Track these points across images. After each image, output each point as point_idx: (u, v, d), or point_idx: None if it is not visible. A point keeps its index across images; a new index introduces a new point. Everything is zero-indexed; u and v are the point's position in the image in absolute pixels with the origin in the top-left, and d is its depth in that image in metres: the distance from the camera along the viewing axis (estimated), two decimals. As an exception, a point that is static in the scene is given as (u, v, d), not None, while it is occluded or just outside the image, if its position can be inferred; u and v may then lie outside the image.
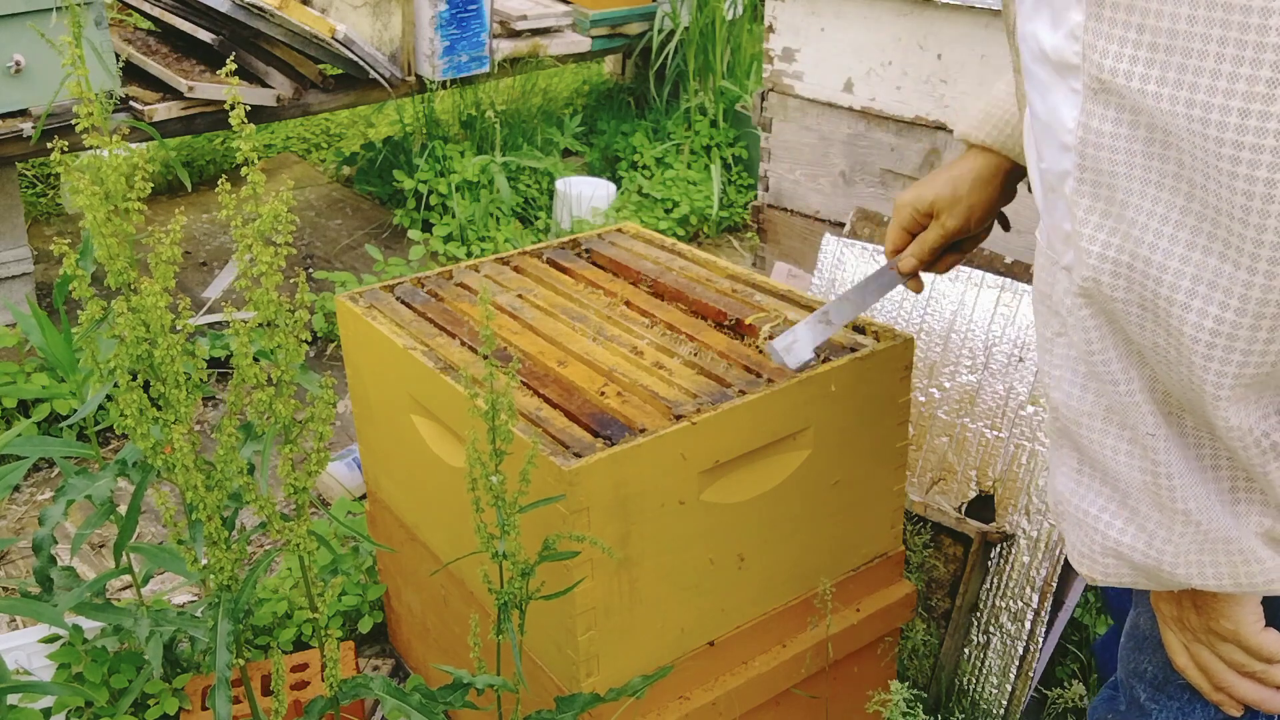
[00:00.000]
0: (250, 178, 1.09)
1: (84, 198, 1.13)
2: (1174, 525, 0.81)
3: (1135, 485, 0.82)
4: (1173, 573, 0.84)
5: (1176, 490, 0.80)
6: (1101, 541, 0.86)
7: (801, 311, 1.63)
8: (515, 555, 1.15)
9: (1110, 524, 0.85)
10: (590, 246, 1.88)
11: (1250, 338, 0.69)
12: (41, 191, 4.05)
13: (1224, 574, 0.83)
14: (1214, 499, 0.81)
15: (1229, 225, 0.67)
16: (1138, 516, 0.83)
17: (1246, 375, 0.71)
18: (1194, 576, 0.83)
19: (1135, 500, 0.83)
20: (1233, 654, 0.96)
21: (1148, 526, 0.83)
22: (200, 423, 2.80)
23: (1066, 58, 0.73)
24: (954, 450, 1.82)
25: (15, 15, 2.69)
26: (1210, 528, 0.81)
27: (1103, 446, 0.83)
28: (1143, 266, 0.72)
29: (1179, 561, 0.83)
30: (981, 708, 1.76)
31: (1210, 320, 0.70)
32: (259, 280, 1.11)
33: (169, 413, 1.18)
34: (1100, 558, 0.87)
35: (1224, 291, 0.68)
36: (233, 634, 1.21)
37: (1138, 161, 0.71)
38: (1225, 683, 0.98)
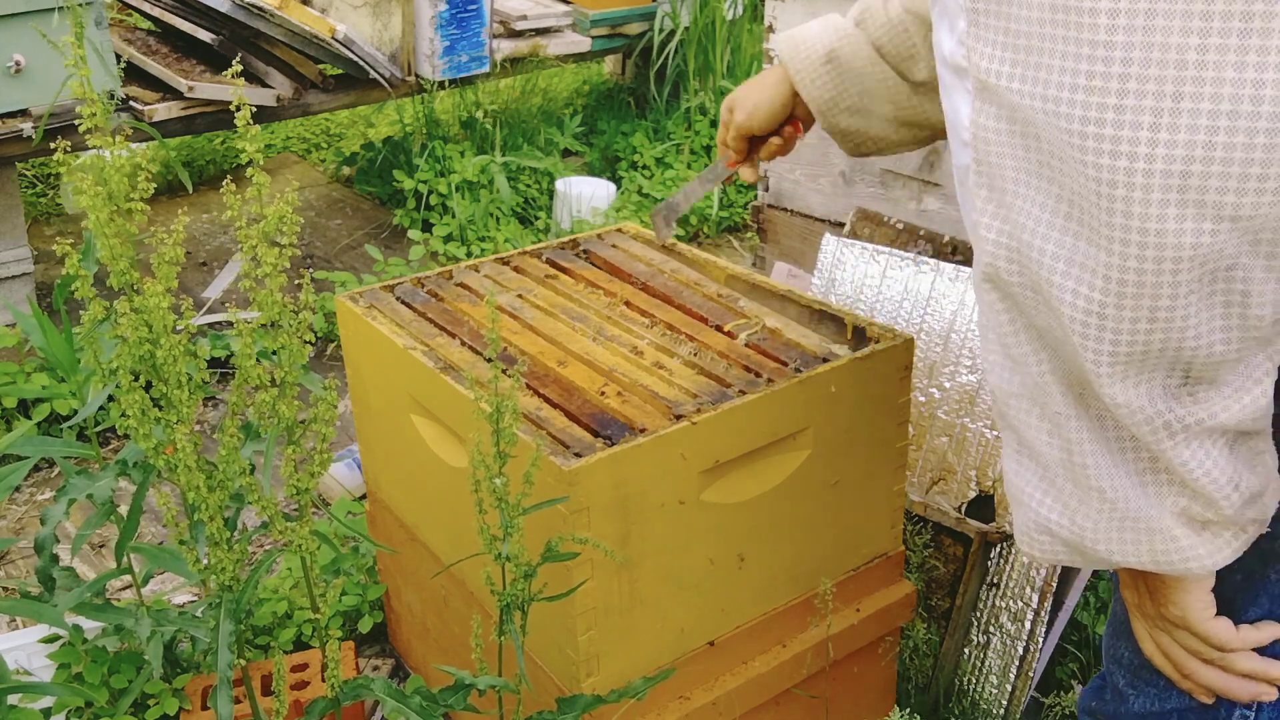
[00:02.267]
0: (255, 179, 1.09)
1: (87, 198, 1.13)
2: (1089, 501, 0.85)
3: (1055, 463, 0.87)
4: (1094, 549, 0.87)
5: (1089, 468, 0.84)
6: (1034, 519, 0.90)
7: (801, 311, 1.64)
8: (518, 557, 1.15)
9: (1041, 501, 0.89)
10: (587, 247, 1.88)
11: (1117, 315, 0.74)
12: (41, 191, 4.05)
13: (1142, 551, 0.86)
14: (1127, 478, 0.84)
15: (1085, 209, 0.73)
16: (1061, 494, 0.87)
17: (1121, 353, 0.75)
18: (1114, 553, 0.87)
19: (1056, 478, 0.87)
20: (1189, 641, 0.97)
21: (1070, 504, 0.87)
22: (200, 423, 2.80)
23: (959, 61, 0.80)
24: (954, 450, 1.82)
25: (15, 15, 2.69)
26: (1124, 506, 0.84)
27: (1027, 426, 0.87)
28: (1026, 251, 0.77)
29: (1099, 538, 0.87)
30: (981, 708, 1.76)
31: (1082, 300, 0.75)
32: (263, 281, 1.11)
33: (171, 413, 1.18)
34: (1035, 534, 0.91)
35: (1090, 272, 0.73)
36: (234, 634, 1.21)
37: (1016, 154, 0.77)
38: (1189, 670, 0.99)
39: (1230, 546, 0.86)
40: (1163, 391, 0.78)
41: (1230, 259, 0.72)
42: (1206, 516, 0.84)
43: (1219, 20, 0.66)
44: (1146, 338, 0.74)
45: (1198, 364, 0.77)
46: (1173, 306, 0.73)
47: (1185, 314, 0.73)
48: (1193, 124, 0.67)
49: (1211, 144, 0.67)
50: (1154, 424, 0.79)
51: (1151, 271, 0.71)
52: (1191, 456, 0.80)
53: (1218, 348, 0.75)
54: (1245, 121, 0.67)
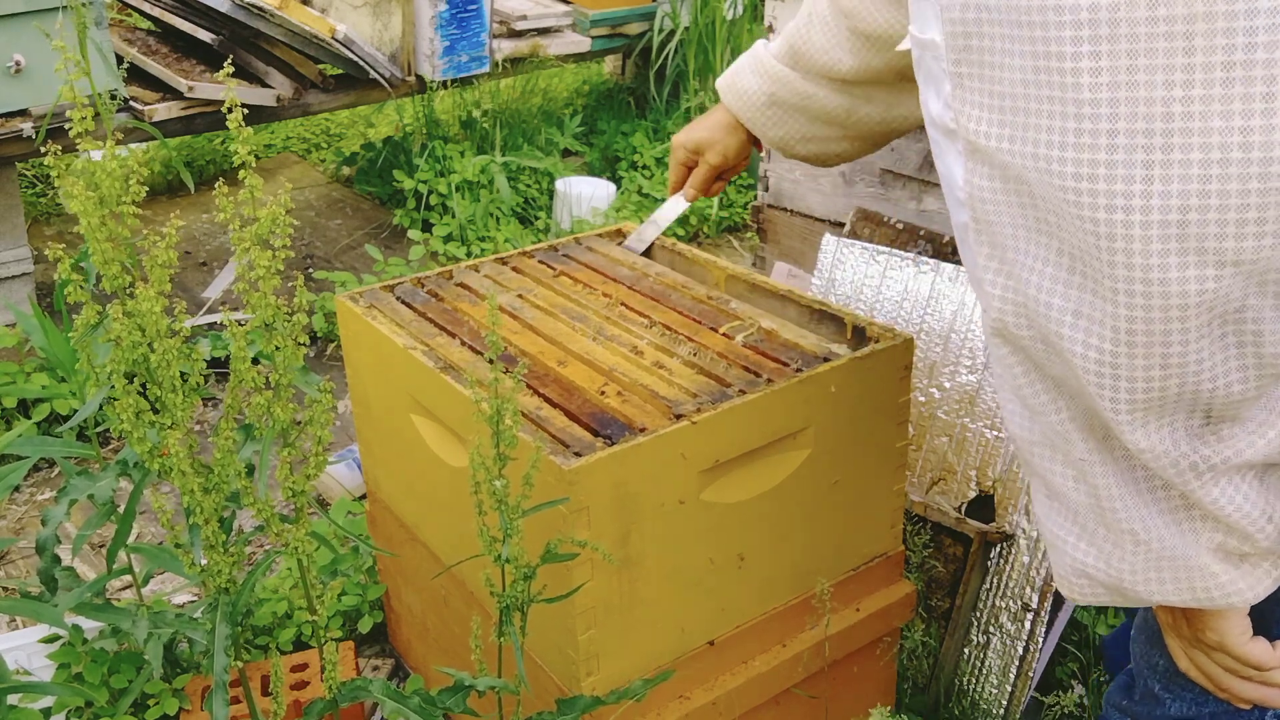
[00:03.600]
0: (247, 181, 1.09)
1: (78, 202, 1.13)
2: (1123, 545, 0.85)
3: (1084, 508, 0.86)
4: (1134, 590, 0.87)
5: (1119, 512, 0.83)
6: (1070, 563, 0.90)
7: (801, 311, 1.63)
8: (518, 559, 1.15)
9: (1075, 545, 0.89)
10: (566, 253, 1.87)
11: (1130, 365, 0.74)
12: (41, 191, 4.05)
13: (1183, 589, 0.86)
14: (1159, 518, 0.83)
15: (1087, 262, 0.72)
16: (1094, 539, 0.87)
17: (1140, 400, 0.75)
18: (1154, 593, 0.86)
19: (1088, 523, 0.87)
20: (1225, 661, 0.97)
21: (1104, 548, 0.87)
22: (200, 423, 2.80)
23: (947, 124, 0.81)
24: (954, 450, 1.82)
25: (15, 15, 2.69)
26: (1159, 547, 0.84)
27: (1052, 473, 0.87)
28: (1034, 306, 0.78)
29: (1137, 580, 0.86)
30: (981, 708, 1.76)
31: (1093, 352, 0.75)
32: (256, 284, 1.10)
33: (166, 416, 1.17)
34: (1074, 579, 0.91)
35: (1099, 324, 0.74)
36: (230, 637, 1.21)
37: (1013, 212, 0.77)
38: (1226, 685, 0.99)
39: (1270, 576, 0.86)
40: (1185, 433, 0.78)
41: (1238, 301, 0.71)
42: (1243, 550, 0.83)
43: (1201, 72, 0.66)
44: (1162, 384, 0.74)
45: (1218, 404, 0.76)
46: (1185, 352, 0.72)
47: (1199, 358, 0.73)
48: (1185, 174, 0.67)
49: (1206, 192, 0.67)
50: (1180, 466, 0.79)
51: (1159, 320, 0.71)
52: (1222, 494, 0.80)
53: (1236, 387, 0.75)
54: (1237, 169, 0.66)
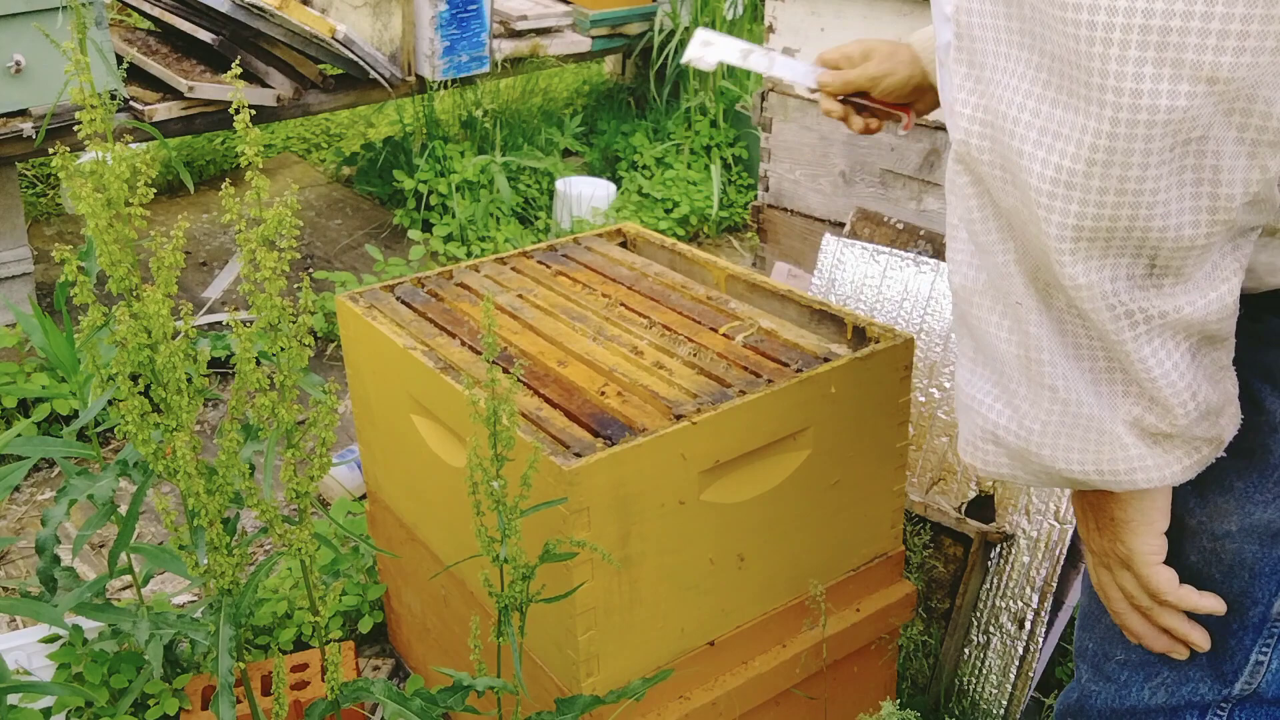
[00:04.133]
0: (255, 182, 1.09)
1: (85, 204, 1.13)
2: (1040, 400, 0.84)
3: (1011, 360, 0.85)
4: (1039, 454, 0.86)
5: (1045, 364, 0.83)
6: (982, 425, 0.89)
7: (801, 311, 1.64)
8: (516, 559, 1.15)
9: (991, 407, 0.88)
10: (566, 253, 1.88)
11: (1085, 185, 0.73)
12: (41, 191, 4.05)
13: (1087, 460, 0.85)
14: (1083, 379, 0.82)
15: (1066, 72, 0.72)
16: (1013, 397, 0.86)
17: (1086, 228, 0.74)
18: (1059, 459, 0.85)
19: (1010, 377, 0.86)
20: (1126, 582, 0.97)
21: (1019, 405, 0.86)
22: (201, 423, 2.80)
23: None
24: (954, 450, 1.82)
25: (15, 15, 2.69)
26: (1076, 408, 0.83)
27: (987, 324, 0.86)
28: (999, 122, 0.77)
29: (1045, 442, 0.85)
30: (981, 708, 1.76)
31: (1050, 169, 0.74)
32: (261, 285, 1.10)
33: (170, 418, 1.18)
34: (980, 443, 0.90)
35: (1064, 139, 0.73)
36: (235, 639, 1.21)
37: (997, 24, 0.77)
38: (1116, 609, 0.99)
39: (1180, 464, 0.85)
40: (1127, 280, 0.77)
41: (1203, 128, 0.71)
42: (1160, 428, 0.82)
43: None
44: (1114, 211, 0.73)
45: (1165, 250, 0.75)
46: (1142, 178, 0.72)
47: (1155, 187, 0.72)
48: None
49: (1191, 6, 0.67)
50: (1115, 311, 0.78)
51: (1124, 136, 0.71)
52: (1152, 355, 0.79)
53: (1186, 230, 0.74)
54: None
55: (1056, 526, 1.69)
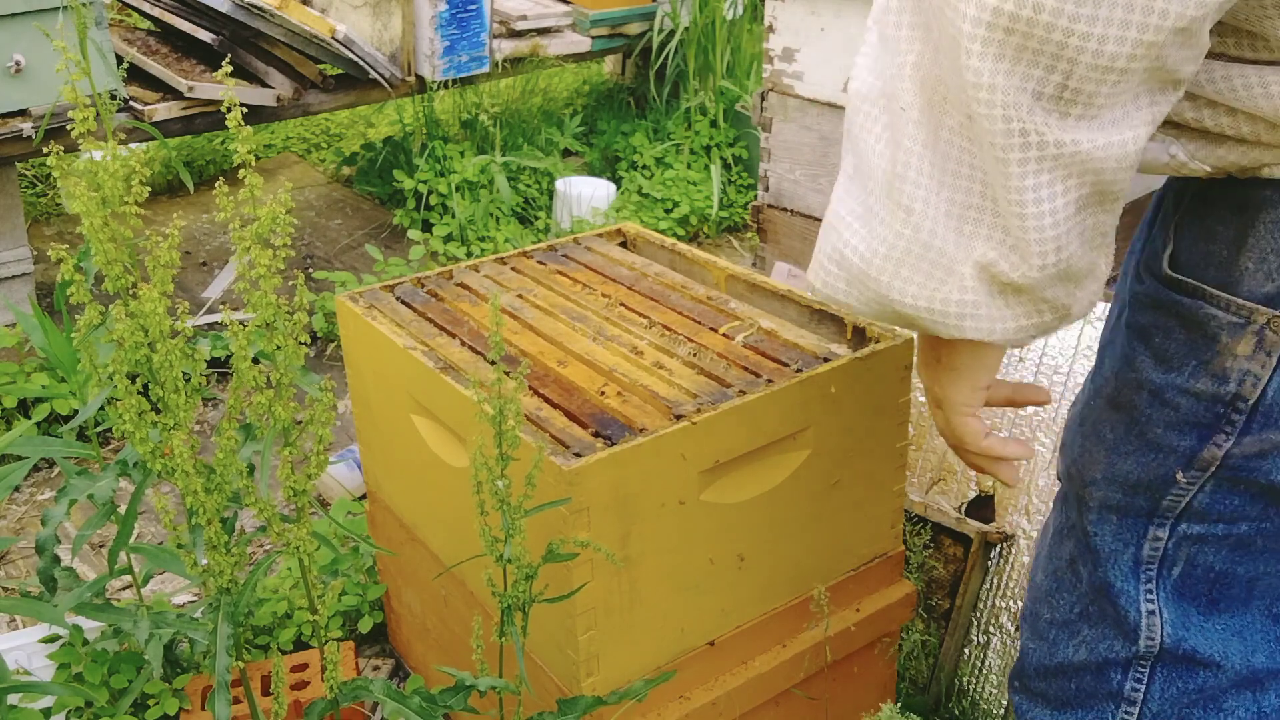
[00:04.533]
0: (247, 180, 1.09)
1: (80, 203, 1.13)
2: (894, 219, 0.81)
3: (878, 175, 0.82)
4: (876, 278, 0.83)
5: (908, 182, 0.79)
6: (835, 243, 0.87)
7: (801, 311, 1.63)
8: (520, 559, 1.15)
9: (849, 225, 0.86)
10: (565, 253, 1.88)
11: None
12: (41, 191, 4.05)
13: (920, 295, 0.82)
14: (944, 208, 0.79)
15: None
16: (870, 214, 0.84)
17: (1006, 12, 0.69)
18: (893, 288, 0.83)
19: (873, 193, 0.83)
20: (941, 421, 0.98)
21: (873, 226, 0.83)
22: (200, 423, 2.80)
23: None
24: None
25: (15, 15, 2.69)
26: (928, 237, 0.80)
27: (866, 132, 0.83)
28: None
29: (885, 267, 0.82)
30: (981, 708, 1.76)
31: None
32: (256, 283, 1.10)
33: (168, 417, 1.18)
34: (826, 262, 0.88)
35: None
36: (232, 638, 1.21)
37: None
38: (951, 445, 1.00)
39: (1015, 323, 0.81)
40: (1033, 96, 0.72)
41: None
42: (1010, 277, 0.78)
43: None
44: (1035, 5, 0.68)
45: (1081, 66, 0.70)
46: None
47: None
48: None
49: None
50: (1011, 126, 0.72)
51: None
52: (1032, 189, 0.74)
53: (1109, 46, 0.69)
54: None
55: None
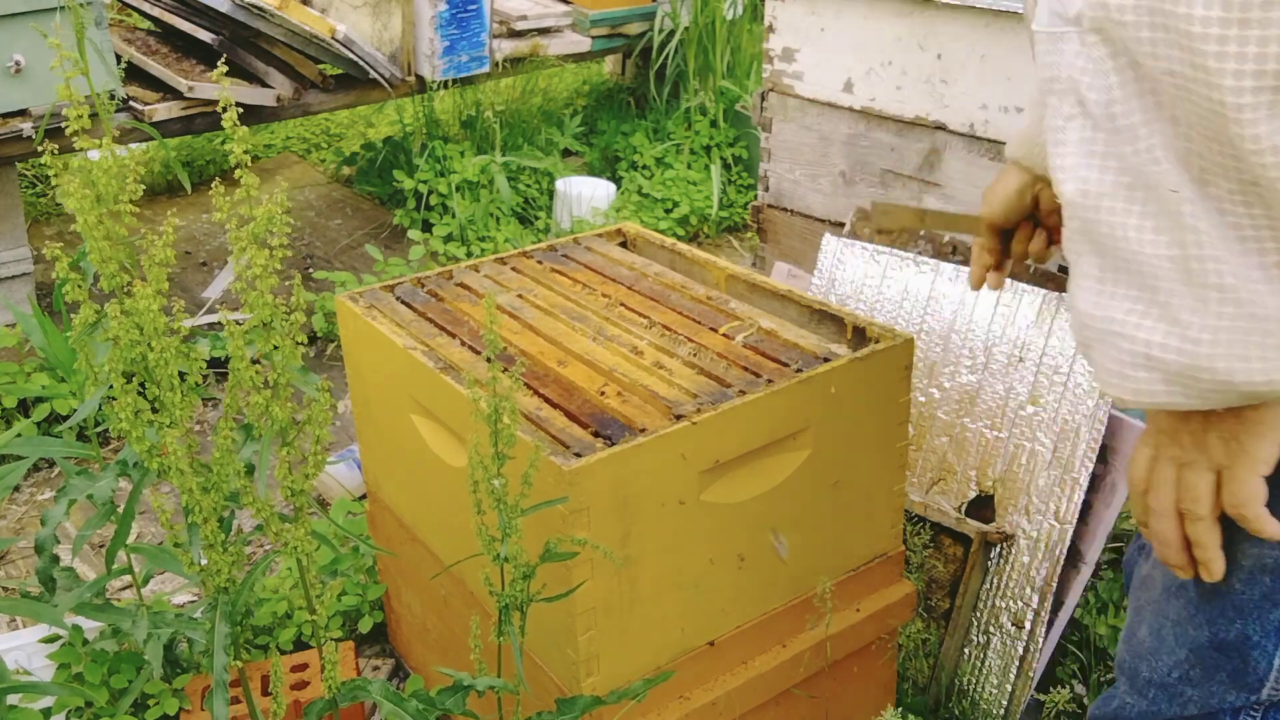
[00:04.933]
0: (244, 180, 1.09)
1: (74, 201, 1.13)
2: (1209, 304, 0.73)
3: (1163, 266, 0.74)
4: (1211, 366, 0.75)
5: (1208, 260, 0.72)
6: (1130, 348, 0.78)
7: (801, 311, 1.63)
8: (517, 558, 1.15)
9: (1139, 325, 0.77)
10: (566, 253, 1.87)
11: (1264, 18, 0.63)
12: (41, 191, 4.05)
13: (1272, 366, 0.74)
14: (1254, 271, 0.72)
15: None
16: (1168, 306, 0.75)
17: (1270, 70, 0.64)
18: (1236, 371, 0.75)
19: (1164, 285, 0.75)
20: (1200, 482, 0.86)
21: (1180, 315, 0.75)
22: (200, 423, 2.80)
23: None
24: (954, 450, 1.82)
25: (15, 15, 2.69)
26: (1252, 307, 0.72)
27: (1125, 228, 0.75)
28: None
29: (1218, 352, 0.74)
30: (981, 708, 1.76)
31: (1217, 8, 0.64)
32: (253, 283, 1.10)
33: (164, 416, 1.17)
34: (1130, 371, 0.79)
35: None
36: (230, 637, 1.21)
37: None
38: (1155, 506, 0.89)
39: None
40: None
41: None
42: None
43: None
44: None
45: None
46: None
47: None
48: None
49: None
50: None
51: None
52: None
53: None
54: None
55: (1057, 527, 1.69)
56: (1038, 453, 1.72)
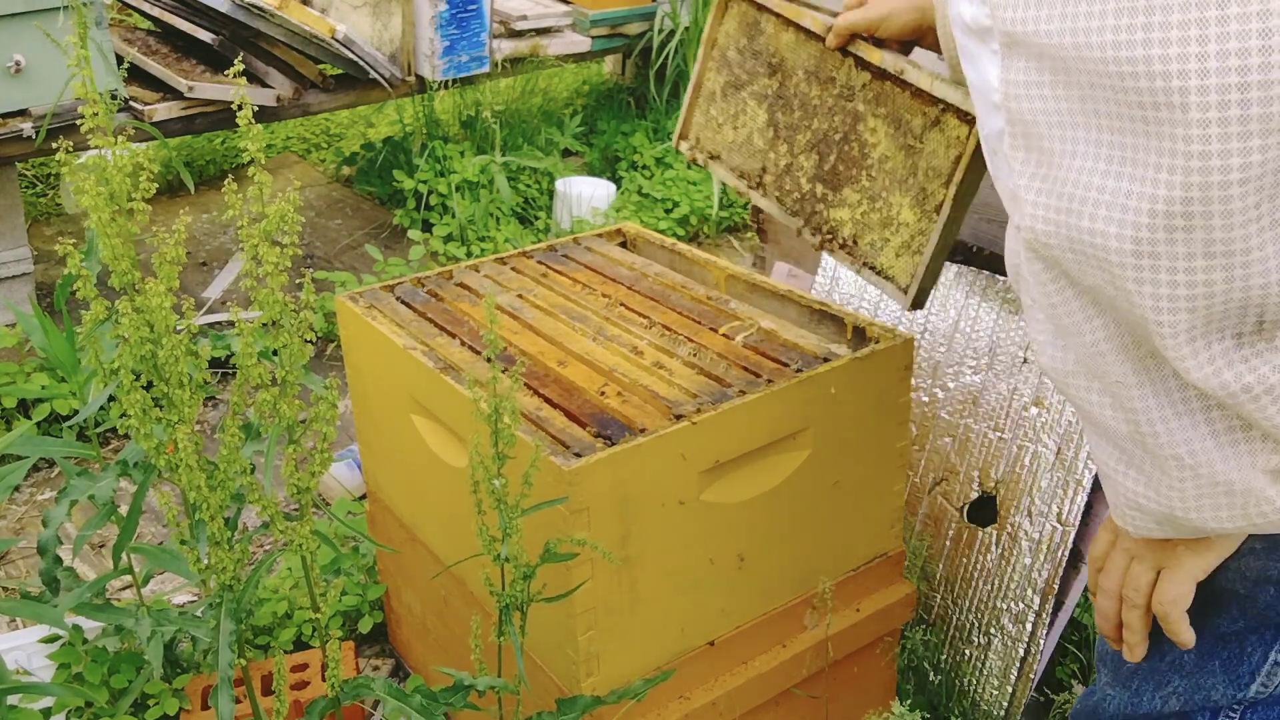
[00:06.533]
0: (257, 178, 1.09)
1: (89, 199, 1.13)
2: (1169, 471, 0.81)
3: (1124, 436, 0.82)
4: (1186, 518, 0.82)
5: (1160, 436, 0.79)
6: (1124, 494, 0.86)
7: (801, 311, 1.63)
8: (517, 558, 1.15)
9: (1125, 474, 0.85)
10: (566, 253, 1.88)
11: (1170, 252, 0.69)
12: (41, 191, 4.05)
13: (1237, 515, 0.81)
14: (1207, 441, 0.79)
15: (1133, 141, 0.69)
16: (1141, 467, 0.83)
17: (1182, 297, 0.70)
18: (1208, 520, 0.82)
19: (1131, 451, 0.83)
20: (1141, 574, 0.97)
21: (1151, 475, 0.82)
22: (200, 422, 2.80)
23: (981, 22, 0.79)
24: (957, 451, 1.82)
25: (15, 15, 2.69)
26: (1209, 473, 0.79)
27: (1089, 403, 0.83)
28: (1068, 205, 0.74)
29: (1189, 508, 0.82)
30: (982, 709, 1.76)
31: (1129, 242, 0.70)
32: (264, 280, 1.11)
33: (172, 413, 1.18)
34: (1126, 510, 0.87)
35: (1135, 211, 0.70)
36: (235, 634, 1.21)
37: (1050, 105, 0.74)
38: (1104, 585, 1.01)
39: None
40: (1236, 347, 0.72)
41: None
42: None
43: None
44: (1207, 276, 0.69)
45: (1272, 305, 0.71)
46: (1229, 238, 0.67)
47: (1246, 245, 0.68)
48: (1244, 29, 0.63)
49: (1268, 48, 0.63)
50: (1234, 393, 0.73)
51: (1200, 199, 0.67)
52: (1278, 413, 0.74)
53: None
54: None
55: (1058, 528, 1.69)
56: (1041, 454, 1.72)
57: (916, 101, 1.40)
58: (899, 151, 1.42)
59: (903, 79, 1.40)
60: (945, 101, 1.36)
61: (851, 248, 1.47)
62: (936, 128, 1.39)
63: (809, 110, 1.52)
